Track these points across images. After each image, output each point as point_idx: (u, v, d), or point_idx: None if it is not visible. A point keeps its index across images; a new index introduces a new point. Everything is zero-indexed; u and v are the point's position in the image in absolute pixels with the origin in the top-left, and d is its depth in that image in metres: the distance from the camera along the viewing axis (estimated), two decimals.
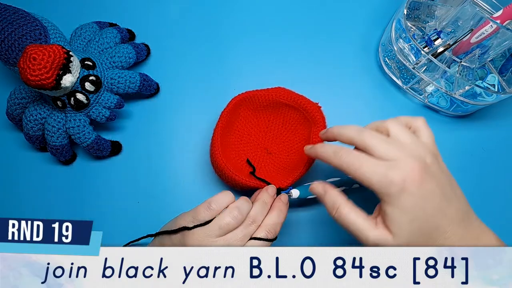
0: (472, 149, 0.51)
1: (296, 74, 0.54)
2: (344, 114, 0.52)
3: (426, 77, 0.48)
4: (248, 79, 0.53)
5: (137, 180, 0.49)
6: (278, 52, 0.55)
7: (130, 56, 0.49)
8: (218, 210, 0.36)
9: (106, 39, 0.49)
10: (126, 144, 0.50)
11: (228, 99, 0.47)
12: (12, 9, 0.43)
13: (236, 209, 0.36)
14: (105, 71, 0.46)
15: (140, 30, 0.55)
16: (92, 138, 0.46)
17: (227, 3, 0.57)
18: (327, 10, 0.57)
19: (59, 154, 0.47)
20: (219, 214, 0.36)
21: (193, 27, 0.56)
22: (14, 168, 0.50)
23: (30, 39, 0.42)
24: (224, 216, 0.36)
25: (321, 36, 0.56)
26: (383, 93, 0.53)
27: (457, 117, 0.53)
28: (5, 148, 0.50)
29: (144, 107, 0.52)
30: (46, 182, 0.49)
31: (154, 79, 0.51)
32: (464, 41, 0.48)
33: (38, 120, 0.45)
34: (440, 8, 0.52)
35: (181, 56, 0.55)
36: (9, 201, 0.48)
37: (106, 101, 0.46)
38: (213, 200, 0.36)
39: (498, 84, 0.51)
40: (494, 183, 0.50)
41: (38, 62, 0.38)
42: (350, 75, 0.54)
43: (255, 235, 0.36)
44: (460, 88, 0.48)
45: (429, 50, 0.50)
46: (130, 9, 0.57)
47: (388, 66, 0.53)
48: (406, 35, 0.48)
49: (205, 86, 0.53)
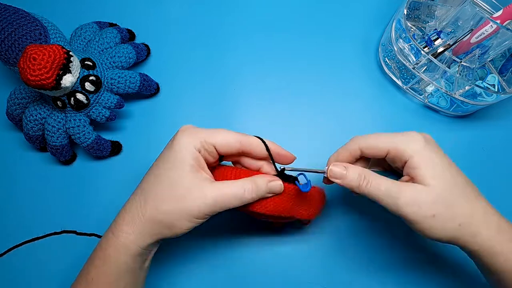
0: (472, 149, 0.51)
1: (296, 74, 0.54)
2: (344, 114, 0.52)
3: (426, 77, 0.48)
4: (248, 79, 0.53)
5: (137, 180, 0.49)
6: (278, 52, 0.55)
7: (130, 56, 0.49)
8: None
9: (106, 39, 0.49)
10: (126, 144, 0.50)
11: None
12: (12, 9, 0.43)
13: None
14: (105, 71, 0.46)
15: (140, 30, 0.55)
16: (92, 138, 0.46)
17: (227, 3, 0.57)
18: (327, 10, 0.57)
19: (59, 154, 0.47)
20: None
21: (193, 27, 0.56)
22: (14, 168, 0.50)
23: (30, 39, 0.42)
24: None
25: (321, 36, 0.56)
26: (383, 93, 0.53)
27: (457, 117, 0.53)
28: (5, 148, 0.50)
29: (144, 107, 0.52)
30: (46, 182, 0.49)
31: (154, 79, 0.51)
32: (464, 41, 0.47)
33: (38, 120, 0.45)
34: (440, 8, 0.52)
35: (181, 56, 0.55)
36: (9, 201, 0.48)
37: (106, 101, 0.46)
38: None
39: (498, 84, 0.51)
40: (494, 183, 0.50)
41: (38, 62, 0.38)
42: (350, 75, 0.54)
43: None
44: (460, 88, 0.48)
45: (429, 50, 0.50)
46: (130, 9, 0.57)
47: (388, 66, 0.53)
48: (406, 35, 0.48)
49: (205, 86, 0.53)
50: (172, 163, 0.34)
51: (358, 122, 0.52)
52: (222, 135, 0.35)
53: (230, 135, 0.35)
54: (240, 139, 0.35)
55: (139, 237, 0.34)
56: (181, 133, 0.35)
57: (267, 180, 0.35)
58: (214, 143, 0.35)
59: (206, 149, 0.35)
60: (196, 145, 0.34)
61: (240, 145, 0.35)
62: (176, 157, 0.34)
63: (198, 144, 0.34)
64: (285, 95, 0.53)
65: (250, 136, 0.36)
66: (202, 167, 0.35)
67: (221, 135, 0.35)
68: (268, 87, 0.53)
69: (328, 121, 0.51)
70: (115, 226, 0.35)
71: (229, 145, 0.35)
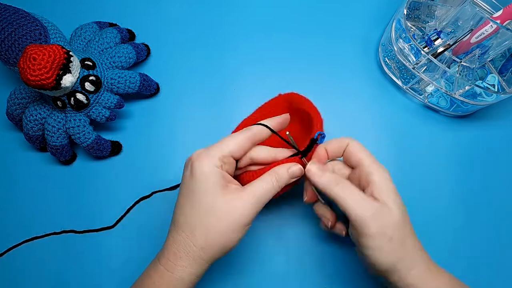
0: (472, 149, 0.51)
1: (296, 74, 0.54)
2: (344, 114, 0.52)
3: (426, 77, 0.48)
4: (248, 79, 0.53)
5: (137, 180, 0.49)
6: (278, 52, 0.55)
7: (130, 56, 0.49)
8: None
9: (106, 39, 0.49)
10: (126, 144, 0.50)
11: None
12: (12, 9, 0.43)
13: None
14: (105, 71, 0.46)
15: (140, 30, 0.55)
16: (92, 138, 0.46)
17: (227, 3, 0.57)
18: (327, 10, 0.57)
19: (59, 154, 0.47)
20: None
21: (193, 27, 0.56)
22: (14, 168, 0.50)
23: (30, 39, 0.42)
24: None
25: (321, 36, 0.56)
26: (383, 93, 0.53)
27: (457, 117, 0.53)
28: (5, 148, 0.50)
29: (144, 107, 0.52)
30: (46, 182, 0.49)
31: (154, 79, 0.51)
32: (464, 41, 0.47)
33: (38, 120, 0.45)
34: (440, 8, 0.52)
35: (181, 56, 0.55)
36: (9, 201, 0.48)
37: (106, 101, 0.46)
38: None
39: (498, 84, 0.51)
40: (494, 183, 0.50)
41: (38, 62, 0.38)
42: (350, 75, 0.54)
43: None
44: (460, 88, 0.48)
45: (429, 50, 0.50)
46: (130, 9, 0.57)
47: (388, 66, 0.53)
48: (406, 35, 0.48)
49: (205, 86, 0.53)
50: (203, 191, 0.34)
51: (358, 122, 0.52)
52: (232, 141, 0.36)
53: (238, 138, 0.37)
54: (246, 136, 0.37)
55: (197, 268, 0.35)
56: (197, 160, 0.35)
57: (286, 167, 0.37)
58: (229, 152, 0.36)
59: (225, 162, 0.36)
60: (216, 164, 0.35)
61: (249, 141, 0.37)
62: (202, 183, 0.34)
63: (217, 161, 0.35)
64: None
65: (250, 128, 0.37)
66: (229, 180, 0.36)
67: (231, 142, 0.36)
68: (268, 87, 0.53)
69: (328, 121, 0.51)
70: (166, 262, 0.35)
71: (242, 146, 0.37)
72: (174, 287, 0.34)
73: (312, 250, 0.46)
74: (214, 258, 0.35)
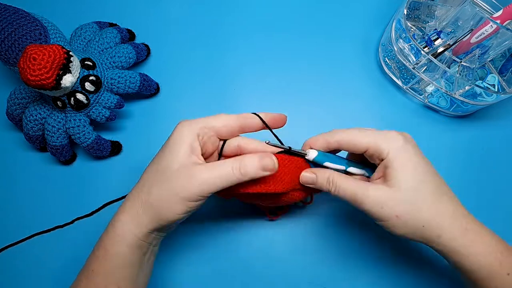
0: (472, 149, 0.51)
1: (296, 74, 0.54)
2: (344, 114, 0.52)
3: (426, 77, 0.48)
4: (248, 79, 0.53)
5: (137, 180, 0.49)
6: (278, 52, 0.55)
7: (130, 56, 0.49)
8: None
9: (106, 39, 0.49)
10: (126, 144, 0.50)
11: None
12: (12, 9, 0.43)
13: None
14: (105, 71, 0.46)
15: (140, 30, 0.55)
16: (92, 138, 0.46)
17: (227, 3, 0.57)
18: (327, 10, 0.57)
19: (59, 154, 0.47)
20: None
21: (193, 27, 0.56)
22: (14, 168, 0.50)
23: (30, 39, 0.42)
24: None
25: (321, 36, 0.56)
26: (383, 93, 0.53)
27: (457, 117, 0.53)
28: (5, 148, 0.50)
29: (144, 107, 0.52)
30: (46, 182, 0.49)
31: (154, 79, 0.51)
32: (464, 41, 0.47)
33: (38, 120, 0.45)
34: (440, 8, 0.52)
35: (181, 56, 0.55)
36: (9, 201, 0.48)
37: (106, 101, 0.46)
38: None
39: (498, 84, 0.51)
40: (494, 183, 0.50)
41: (38, 62, 0.38)
42: (350, 75, 0.54)
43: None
44: (460, 88, 0.48)
45: (429, 50, 0.50)
46: (130, 9, 0.57)
47: (388, 66, 0.53)
48: (406, 35, 0.48)
49: (205, 86, 0.53)
50: (168, 151, 0.35)
51: (358, 122, 0.52)
52: (221, 118, 0.36)
53: (228, 117, 0.36)
54: (235, 117, 0.37)
55: (136, 226, 0.34)
56: (180, 124, 0.36)
57: (257, 157, 0.33)
58: (213, 127, 0.36)
59: (205, 134, 0.35)
60: (195, 131, 0.35)
61: (238, 122, 0.36)
62: (172, 144, 0.35)
63: (197, 129, 0.35)
64: (285, 95, 0.53)
65: (245, 114, 0.37)
66: (196, 153, 0.35)
67: (220, 118, 0.36)
68: (268, 87, 0.53)
69: (328, 121, 0.51)
70: (114, 216, 0.35)
71: (229, 125, 0.36)
72: (115, 242, 0.34)
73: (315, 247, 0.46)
74: (153, 224, 0.34)
